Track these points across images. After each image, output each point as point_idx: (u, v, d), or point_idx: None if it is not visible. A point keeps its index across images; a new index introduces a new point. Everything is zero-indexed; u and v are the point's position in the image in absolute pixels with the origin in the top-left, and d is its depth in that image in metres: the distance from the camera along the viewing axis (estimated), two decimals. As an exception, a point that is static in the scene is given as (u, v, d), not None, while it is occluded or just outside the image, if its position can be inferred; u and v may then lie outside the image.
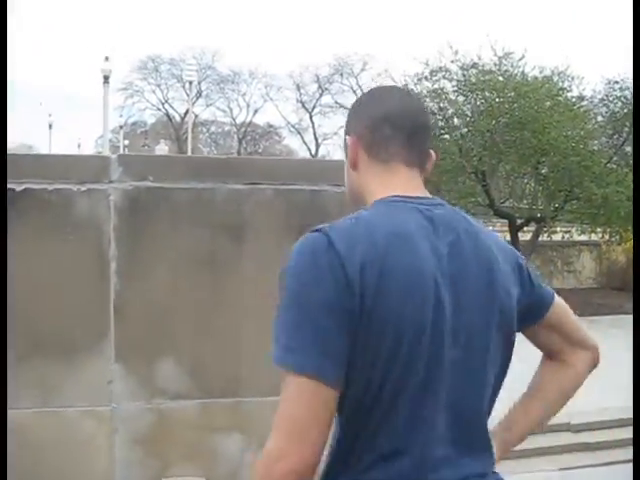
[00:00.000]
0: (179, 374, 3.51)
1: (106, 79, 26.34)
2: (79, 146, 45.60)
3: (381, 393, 1.51)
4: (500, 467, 1.90)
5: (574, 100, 17.51)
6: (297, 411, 1.53)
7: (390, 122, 1.69)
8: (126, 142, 39.74)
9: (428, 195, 1.76)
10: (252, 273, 3.54)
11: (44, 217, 3.40)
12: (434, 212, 1.67)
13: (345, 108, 43.44)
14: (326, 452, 1.61)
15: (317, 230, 1.63)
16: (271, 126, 45.99)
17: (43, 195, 3.39)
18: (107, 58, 26.55)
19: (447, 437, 1.55)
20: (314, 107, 43.63)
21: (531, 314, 1.80)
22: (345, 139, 1.78)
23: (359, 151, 1.74)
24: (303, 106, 43.57)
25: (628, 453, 7.95)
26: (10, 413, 3.42)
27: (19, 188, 3.37)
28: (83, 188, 3.43)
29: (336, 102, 43.77)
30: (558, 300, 1.91)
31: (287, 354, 1.57)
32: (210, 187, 3.50)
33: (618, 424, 8.44)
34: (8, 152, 3.40)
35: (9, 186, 3.37)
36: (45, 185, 3.38)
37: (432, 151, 1.82)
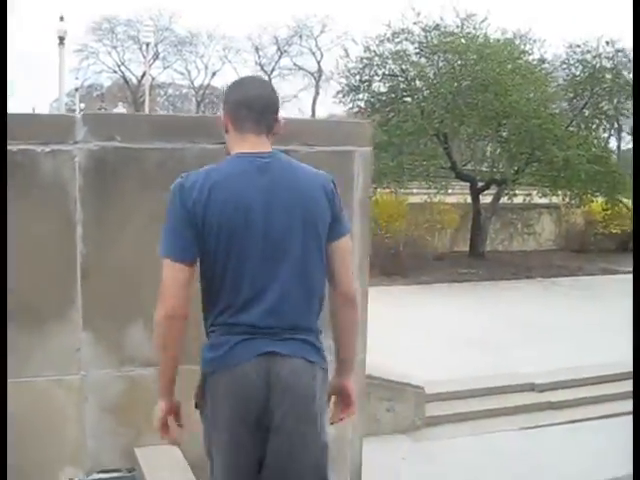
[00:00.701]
0: (149, 340, 3.37)
1: (61, 40, 25.62)
2: (33, 110, 44.62)
3: (215, 271, 2.44)
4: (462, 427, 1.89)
5: (535, 63, 17.48)
6: (165, 280, 2.42)
7: (245, 105, 2.51)
8: (82, 105, 38.86)
9: (266, 151, 2.51)
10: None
11: (10, 179, 3.26)
12: (262, 161, 2.47)
13: (304, 70, 43.13)
14: None
15: (181, 176, 2.51)
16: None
17: (8, 156, 3.25)
18: (62, 18, 25.79)
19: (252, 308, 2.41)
20: (273, 70, 43.17)
21: (330, 232, 2.52)
22: (222, 113, 2.61)
23: (228, 123, 2.55)
24: (262, 69, 43.04)
25: (588, 411, 8.13)
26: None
27: (-19, 149, 3.23)
28: (47, 149, 3.29)
29: (295, 64, 43.39)
30: (346, 240, 2.60)
31: (162, 248, 2.44)
32: (180, 147, 3.38)
33: (580, 383, 8.55)
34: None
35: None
36: (10, 146, 3.24)
37: (281, 118, 2.59)
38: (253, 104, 2.50)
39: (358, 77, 17.07)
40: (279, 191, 2.45)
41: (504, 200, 17.69)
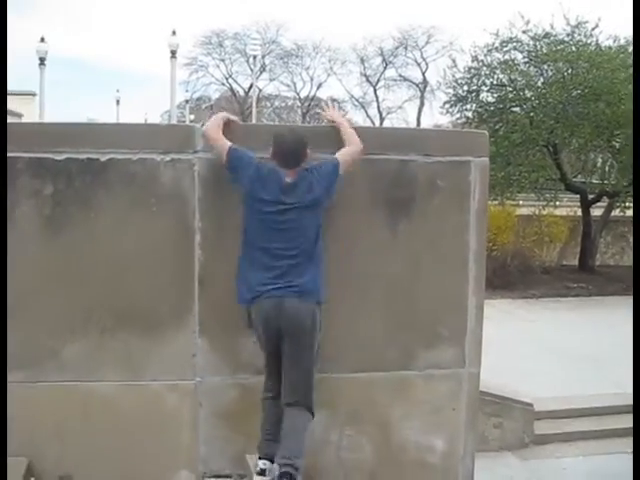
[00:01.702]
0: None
1: (173, 53, 26.34)
2: (145, 121, 46.10)
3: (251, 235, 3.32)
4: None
5: (650, 71, 16.88)
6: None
7: (278, 151, 3.32)
8: (192, 117, 39.86)
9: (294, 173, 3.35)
10: (337, 247, 3.44)
11: (129, 188, 3.35)
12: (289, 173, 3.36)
13: (410, 81, 42.93)
14: None
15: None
16: (335, 100, 45.63)
17: (127, 165, 3.34)
18: (174, 32, 26.51)
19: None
20: (378, 81, 43.08)
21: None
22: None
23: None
24: (367, 80, 43.06)
25: None
26: (95, 386, 3.41)
27: (103, 158, 3.33)
28: (167, 158, 3.36)
29: (400, 75, 43.15)
30: (340, 158, 3.37)
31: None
32: (295, 156, 3.39)
33: None
34: (89, 122, 3.35)
35: (93, 156, 3.33)
36: (129, 155, 3.33)
37: (308, 152, 3.36)
38: (281, 150, 3.34)
39: (466, 87, 16.81)
40: (297, 189, 3.35)
41: (615, 213, 17.07)
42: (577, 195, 17.23)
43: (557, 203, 17.05)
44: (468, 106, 16.96)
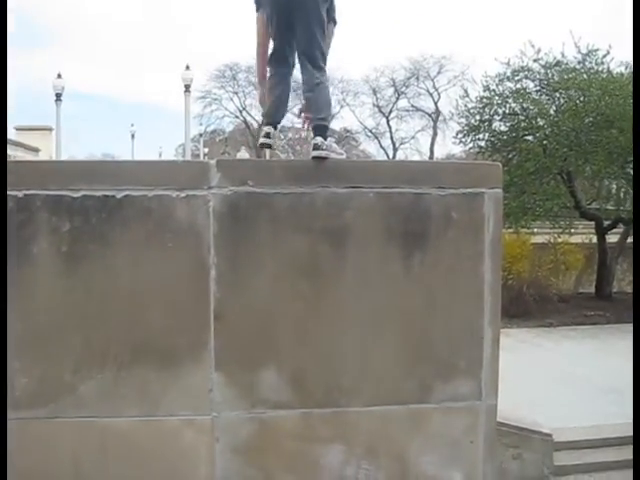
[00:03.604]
0: (279, 383, 3.44)
1: (187, 88, 26.65)
2: (160, 155, 46.44)
3: None
4: None
5: (663, 97, 16.85)
6: None
7: None
8: (206, 150, 40.16)
9: None
10: (353, 281, 3.45)
11: (145, 225, 3.38)
12: None
13: (422, 111, 43.09)
14: None
15: None
16: (348, 131, 45.90)
17: (143, 202, 3.37)
18: (188, 67, 26.87)
19: None
20: (391, 111, 43.33)
21: None
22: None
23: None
24: (380, 110, 43.33)
25: None
26: (112, 421, 3.42)
27: (119, 195, 3.37)
28: (183, 194, 3.39)
29: (412, 105, 43.40)
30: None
31: None
32: (310, 191, 3.42)
33: None
34: (106, 159, 3.40)
35: (109, 193, 3.37)
36: (145, 192, 3.36)
37: None
38: None
39: (478, 117, 16.86)
40: None
41: (631, 239, 17.00)
42: (592, 222, 17.19)
43: (572, 230, 16.99)
44: (481, 135, 17.00)
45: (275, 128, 3.95)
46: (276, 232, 3.41)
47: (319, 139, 3.58)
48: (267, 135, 3.87)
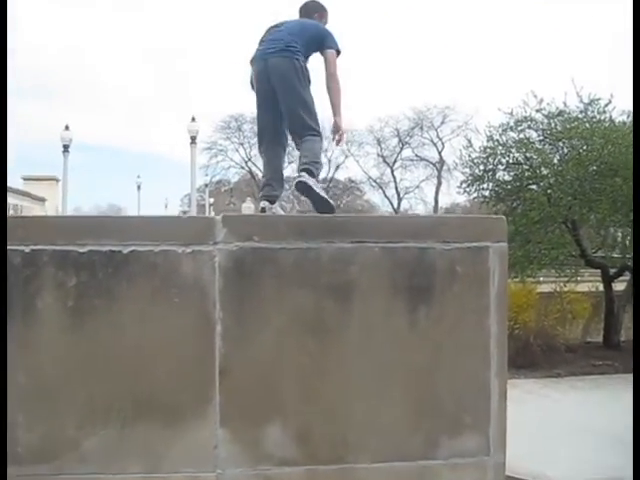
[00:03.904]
0: (285, 439, 3.42)
1: (193, 139, 27.03)
2: (166, 206, 46.75)
3: None
4: None
5: (666, 145, 16.92)
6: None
7: None
8: (211, 200, 40.46)
9: None
10: (358, 336, 3.45)
11: (151, 280, 3.39)
12: None
13: (426, 161, 43.37)
14: None
15: None
16: (352, 181, 46.25)
17: (149, 257, 3.39)
18: (194, 119, 27.31)
19: None
20: (395, 161, 43.67)
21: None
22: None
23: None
24: (384, 160, 43.67)
25: None
26: (116, 478, 3.39)
27: (126, 250, 3.38)
28: (188, 250, 3.41)
29: (417, 155, 43.74)
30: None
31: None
32: (315, 247, 3.44)
33: None
34: (112, 209, 3.42)
35: (116, 248, 3.39)
36: (151, 247, 3.38)
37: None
38: None
39: (482, 166, 16.92)
40: None
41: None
42: (598, 270, 17.15)
43: (579, 279, 16.94)
44: (485, 185, 17.04)
45: (272, 203, 4.21)
46: (281, 287, 3.42)
47: (304, 174, 3.94)
48: (263, 210, 4.11)
